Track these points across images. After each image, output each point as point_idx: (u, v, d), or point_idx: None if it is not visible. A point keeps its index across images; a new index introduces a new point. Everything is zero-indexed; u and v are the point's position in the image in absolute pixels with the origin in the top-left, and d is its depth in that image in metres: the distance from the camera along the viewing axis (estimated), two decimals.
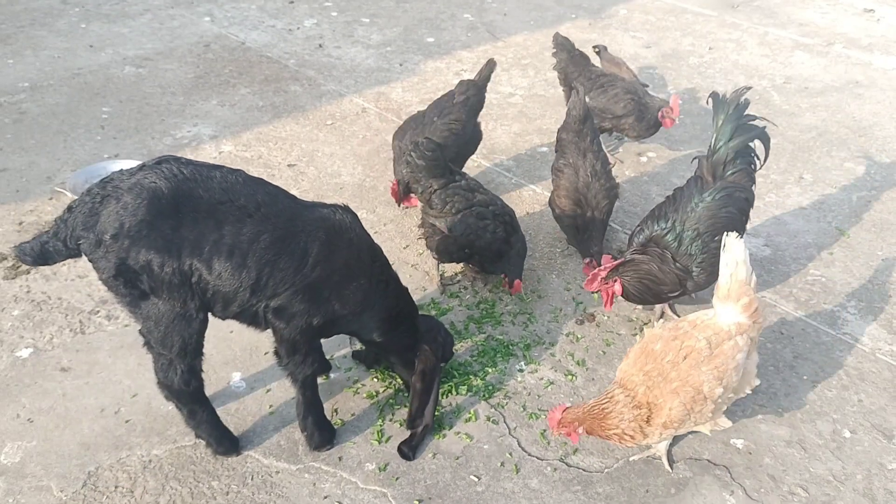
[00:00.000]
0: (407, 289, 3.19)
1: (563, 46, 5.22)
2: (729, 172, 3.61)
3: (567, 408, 2.86)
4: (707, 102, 3.91)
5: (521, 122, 5.71)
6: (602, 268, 3.49)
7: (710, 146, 3.68)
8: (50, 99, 5.72)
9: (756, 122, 3.73)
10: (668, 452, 3.09)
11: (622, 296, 3.50)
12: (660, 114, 4.81)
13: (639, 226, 3.69)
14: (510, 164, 5.17)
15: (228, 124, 5.50)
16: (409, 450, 3.06)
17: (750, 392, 2.98)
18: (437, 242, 3.87)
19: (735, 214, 3.55)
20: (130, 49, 6.58)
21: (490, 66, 4.63)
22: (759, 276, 4.11)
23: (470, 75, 6.33)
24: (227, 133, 5.39)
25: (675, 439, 3.15)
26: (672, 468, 3.05)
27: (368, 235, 3.01)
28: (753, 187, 3.71)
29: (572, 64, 5.16)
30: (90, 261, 2.59)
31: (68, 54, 6.43)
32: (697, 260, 3.43)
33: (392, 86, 6.18)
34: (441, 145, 3.91)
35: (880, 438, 3.23)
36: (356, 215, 2.96)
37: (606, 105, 4.85)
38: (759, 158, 3.77)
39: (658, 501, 2.93)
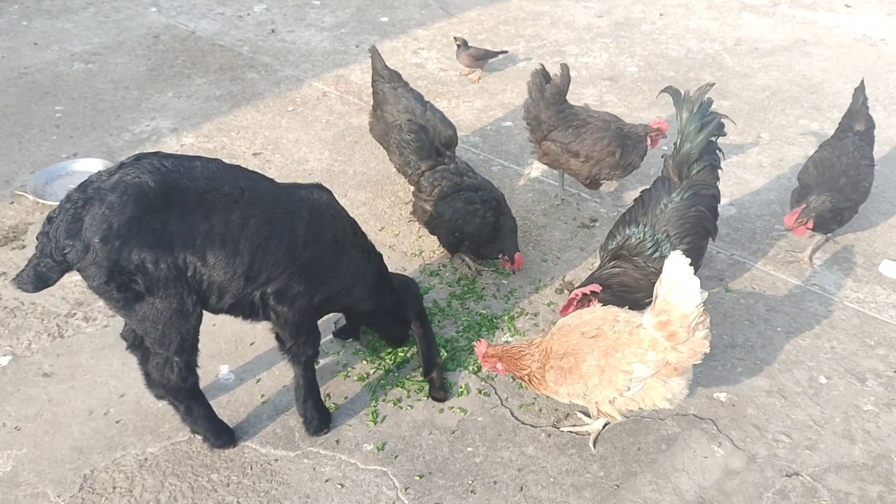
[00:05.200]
0: (380, 252, 3.27)
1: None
2: (694, 171, 3.56)
3: (490, 345, 3.05)
4: (657, 97, 3.89)
5: (483, 97, 5.73)
6: (578, 295, 3.33)
7: (675, 146, 3.61)
8: None
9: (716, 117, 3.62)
10: (597, 434, 3.12)
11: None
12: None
13: (611, 232, 3.60)
14: (476, 139, 5.20)
15: (187, 116, 5.40)
16: (439, 392, 3.23)
17: (653, 408, 2.89)
18: (427, 223, 3.91)
19: (704, 213, 3.49)
20: (77, 45, 6.39)
21: (373, 50, 4.58)
22: (726, 234, 4.25)
23: (427, 53, 6.36)
24: (186, 125, 5.29)
25: None
26: (595, 448, 3.07)
27: (345, 210, 3.06)
28: (718, 182, 3.66)
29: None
30: (78, 270, 2.46)
31: (12, 53, 6.21)
32: None
33: (350, 68, 6.13)
34: (424, 126, 3.93)
35: (854, 382, 3.37)
36: (331, 192, 3.01)
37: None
38: (722, 153, 3.69)
39: (650, 458, 3.02)
